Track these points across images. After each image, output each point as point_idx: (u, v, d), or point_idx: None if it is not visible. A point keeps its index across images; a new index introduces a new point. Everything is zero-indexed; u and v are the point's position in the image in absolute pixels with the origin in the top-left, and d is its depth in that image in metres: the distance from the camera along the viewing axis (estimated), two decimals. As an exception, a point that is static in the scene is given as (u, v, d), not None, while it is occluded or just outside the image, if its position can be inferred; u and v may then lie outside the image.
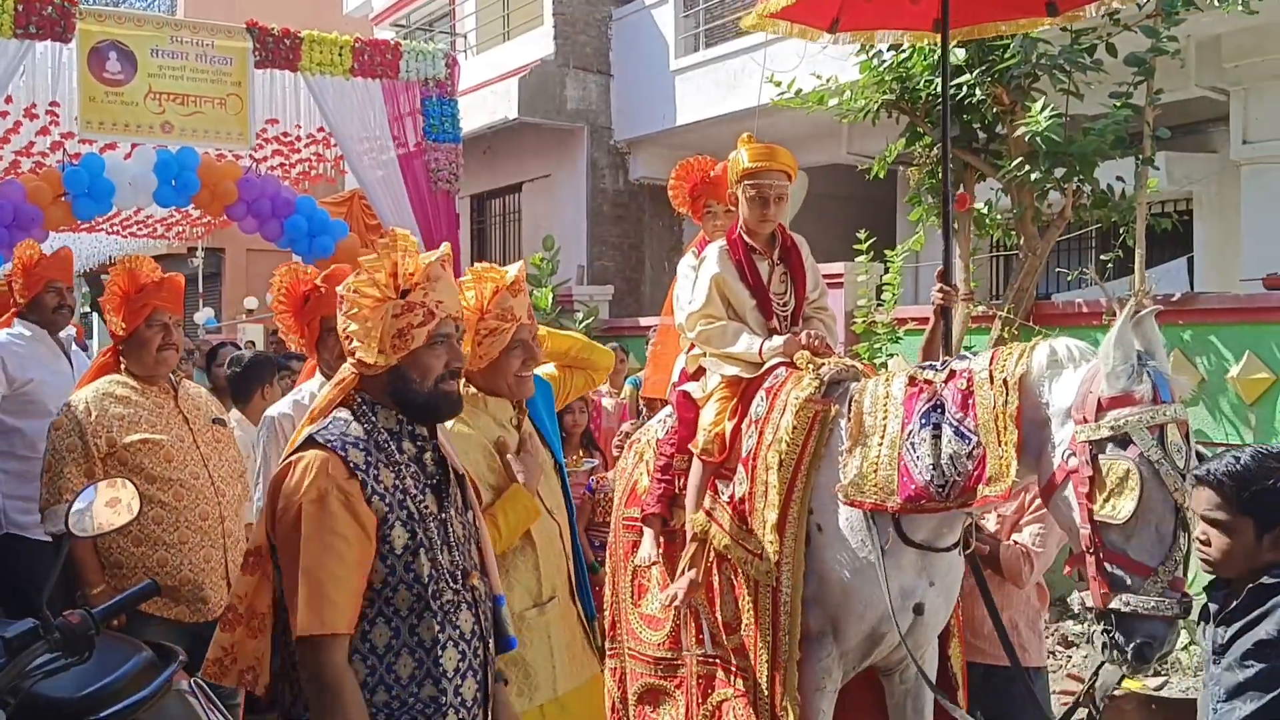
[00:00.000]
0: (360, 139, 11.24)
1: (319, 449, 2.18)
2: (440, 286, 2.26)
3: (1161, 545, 2.52)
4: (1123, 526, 2.53)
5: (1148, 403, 2.56)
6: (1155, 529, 2.52)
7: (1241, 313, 6.35)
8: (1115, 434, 2.56)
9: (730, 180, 3.73)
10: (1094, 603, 2.61)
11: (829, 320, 3.88)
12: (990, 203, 7.54)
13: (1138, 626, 2.51)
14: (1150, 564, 2.51)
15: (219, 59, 10.45)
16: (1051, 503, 2.79)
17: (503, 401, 2.92)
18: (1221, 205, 9.31)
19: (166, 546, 3.57)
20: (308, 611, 2.07)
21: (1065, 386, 2.77)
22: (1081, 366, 2.78)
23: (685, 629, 3.54)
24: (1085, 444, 2.61)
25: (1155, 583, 2.50)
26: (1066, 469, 2.67)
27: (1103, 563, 2.57)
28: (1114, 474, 2.54)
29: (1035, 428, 2.81)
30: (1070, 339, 2.92)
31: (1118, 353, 2.61)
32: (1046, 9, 4.21)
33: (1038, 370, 2.84)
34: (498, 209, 15.92)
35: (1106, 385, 2.61)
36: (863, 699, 3.60)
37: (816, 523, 3.30)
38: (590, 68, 13.61)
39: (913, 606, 3.21)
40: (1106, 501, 2.55)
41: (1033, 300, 7.22)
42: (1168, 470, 2.50)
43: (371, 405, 2.28)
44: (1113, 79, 6.63)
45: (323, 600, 2.07)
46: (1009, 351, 2.95)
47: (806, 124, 9.10)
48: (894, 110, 7.31)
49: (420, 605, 2.20)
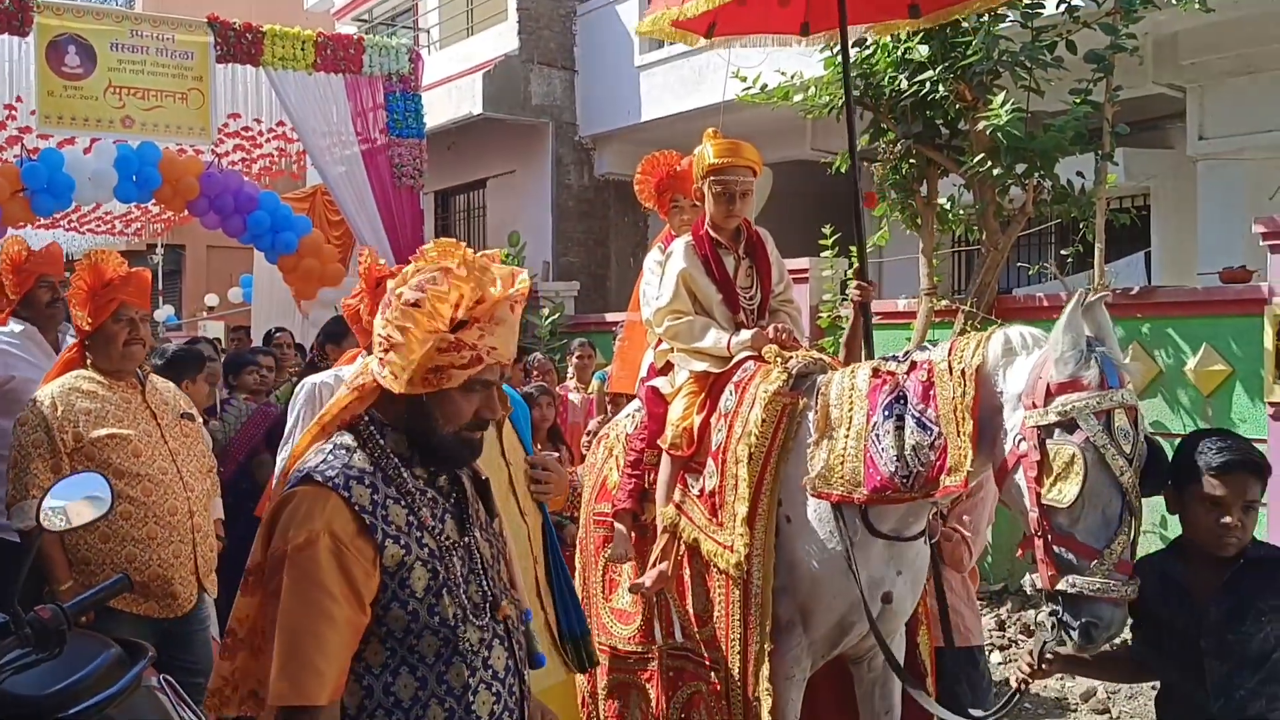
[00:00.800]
0: (323, 134, 11.17)
1: (314, 486, 1.95)
2: (501, 331, 2.00)
3: (1107, 528, 2.55)
4: (1069, 510, 2.57)
5: (1095, 388, 2.59)
6: (1102, 512, 2.56)
7: (1199, 306, 6.46)
8: (1063, 419, 2.59)
9: (696, 176, 3.76)
10: (1043, 584, 2.66)
11: (795, 314, 3.92)
12: (953, 198, 7.62)
13: (1084, 608, 2.55)
14: (1096, 546, 2.55)
15: (180, 53, 10.34)
16: (1004, 488, 2.83)
17: None
18: (1178, 200, 9.46)
19: (135, 542, 3.54)
20: (281, 679, 1.85)
21: (1018, 373, 2.81)
22: (1034, 353, 2.81)
23: (657, 621, 3.57)
24: (1034, 429, 2.65)
25: (1101, 565, 2.53)
26: (1017, 454, 2.72)
27: (1051, 545, 2.61)
28: (1060, 459, 2.58)
29: (990, 415, 2.85)
30: (1025, 327, 2.96)
31: (1066, 338, 2.64)
32: (909, 10, 4.38)
33: (993, 359, 2.88)
34: (462, 205, 15.87)
35: (1055, 371, 2.65)
36: (831, 688, 3.64)
37: (786, 514, 3.33)
38: (555, 63, 13.60)
39: (881, 595, 3.25)
40: (1053, 485, 2.59)
41: (994, 294, 7.30)
42: (1113, 455, 2.53)
43: (381, 427, 2.05)
44: (1073, 76, 6.73)
45: (302, 666, 1.85)
46: (966, 342, 2.99)
47: (771, 120, 9.14)
48: (858, 106, 7.37)
49: (448, 650, 1.99)
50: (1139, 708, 5.54)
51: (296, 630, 1.86)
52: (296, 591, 1.87)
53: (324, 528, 1.89)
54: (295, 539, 1.89)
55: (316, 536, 1.88)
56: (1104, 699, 5.63)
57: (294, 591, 1.87)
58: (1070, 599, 2.57)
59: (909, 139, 7.24)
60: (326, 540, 1.88)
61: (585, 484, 4.07)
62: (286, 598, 1.87)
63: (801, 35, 4.65)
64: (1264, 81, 8.31)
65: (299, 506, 1.92)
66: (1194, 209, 9.03)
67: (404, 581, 1.95)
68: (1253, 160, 8.50)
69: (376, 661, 1.96)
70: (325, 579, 1.87)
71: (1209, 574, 2.55)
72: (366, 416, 2.06)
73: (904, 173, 7.47)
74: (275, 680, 1.85)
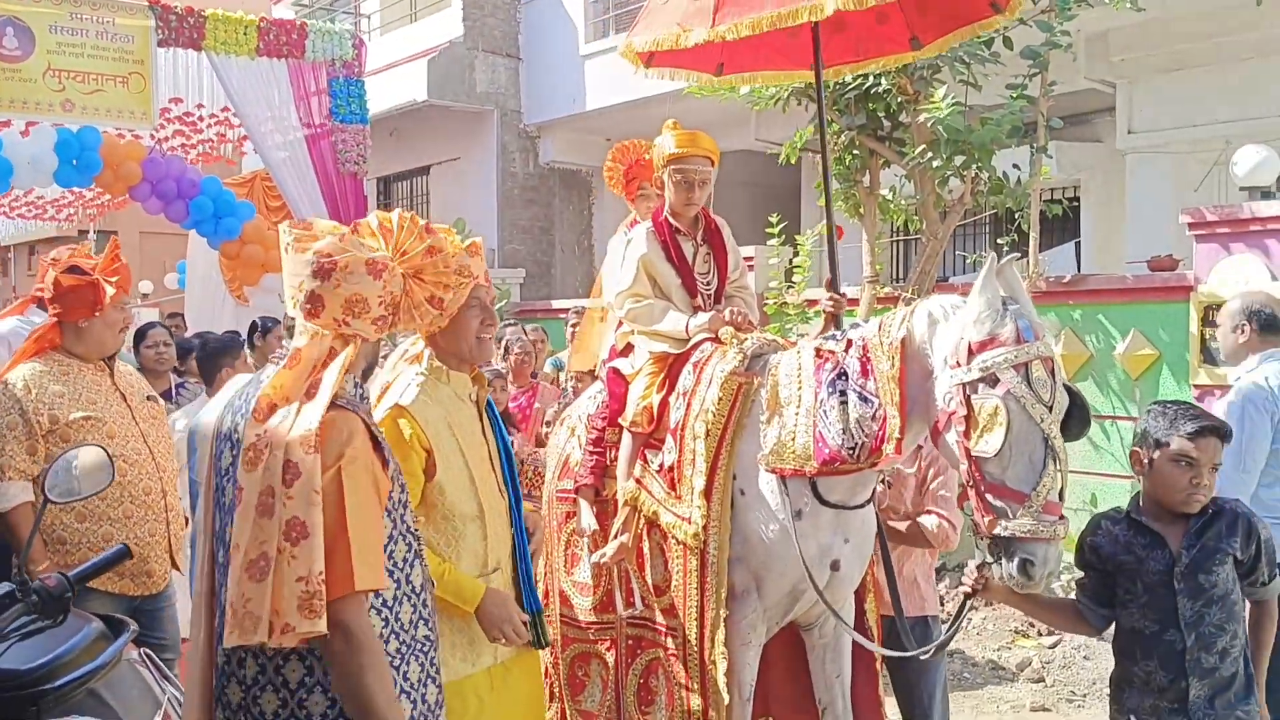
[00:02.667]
0: (265, 120, 11.09)
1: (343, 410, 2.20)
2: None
3: (1034, 473, 2.76)
4: (998, 458, 2.78)
5: (1012, 343, 2.79)
6: (1028, 458, 2.77)
7: (1128, 293, 6.74)
8: (985, 375, 2.79)
9: (656, 165, 3.90)
10: (981, 531, 2.85)
11: (749, 298, 4.09)
12: (894, 189, 7.84)
13: (1018, 548, 2.76)
14: (1025, 490, 2.76)
15: (121, 36, 10.21)
16: (940, 445, 3.04)
17: (462, 375, 3.01)
18: (1107, 192, 9.80)
19: (111, 521, 3.60)
20: (363, 567, 2.10)
21: (944, 339, 3.00)
22: (955, 319, 3.00)
23: (618, 592, 3.71)
24: (959, 386, 2.85)
25: (1030, 507, 2.74)
26: (947, 412, 2.92)
27: (984, 494, 2.81)
28: (984, 411, 2.78)
29: (921, 382, 3.05)
30: (946, 296, 3.15)
31: (982, 299, 2.85)
32: (910, 44, 4.44)
33: (920, 331, 3.07)
34: (404, 192, 15.85)
35: (974, 331, 2.85)
36: (783, 655, 3.81)
37: (740, 487, 3.49)
38: (499, 50, 13.64)
39: (830, 563, 3.42)
40: (980, 437, 2.79)
41: (934, 281, 7.53)
42: (1033, 404, 2.74)
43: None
44: (1009, 71, 6.96)
45: (377, 556, 2.14)
46: (892, 318, 3.19)
47: (716, 111, 9.30)
48: (803, 98, 7.54)
49: (413, 555, 2.34)
50: (1072, 676, 5.80)
51: (363, 528, 2.13)
52: (355, 497, 2.12)
53: (361, 445, 2.17)
54: (348, 455, 2.14)
55: (358, 454, 2.16)
56: (1039, 668, 5.88)
57: (354, 496, 2.12)
58: (1005, 542, 2.78)
59: (852, 131, 7.43)
60: (365, 456, 2.17)
61: (548, 463, 4.20)
62: (350, 501, 2.11)
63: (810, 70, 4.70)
64: (1191, 78, 8.64)
65: (341, 427, 2.17)
66: (1122, 200, 9.36)
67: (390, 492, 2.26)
68: (1179, 153, 8.84)
69: None
70: (370, 489, 2.17)
71: (1175, 527, 2.83)
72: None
73: (847, 164, 7.66)
74: (358, 569, 2.09)
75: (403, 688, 2.28)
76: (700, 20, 3.91)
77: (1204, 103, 8.55)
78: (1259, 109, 8.18)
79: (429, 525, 2.84)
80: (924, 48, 4.42)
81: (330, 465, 2.12)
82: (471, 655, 2.92)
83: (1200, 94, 8.56)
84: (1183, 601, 2.78)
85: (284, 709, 2.20)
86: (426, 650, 2.36)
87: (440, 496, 2.84)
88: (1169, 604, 2.79)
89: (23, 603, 2.24)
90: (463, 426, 2.94)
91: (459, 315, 2.88)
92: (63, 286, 3.67)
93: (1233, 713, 2.78)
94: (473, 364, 3.03)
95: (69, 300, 3.68)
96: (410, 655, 2.31)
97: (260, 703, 2.21)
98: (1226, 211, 6.24)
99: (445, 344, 2.98)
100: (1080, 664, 5.92)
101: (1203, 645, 2.77)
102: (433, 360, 2.98)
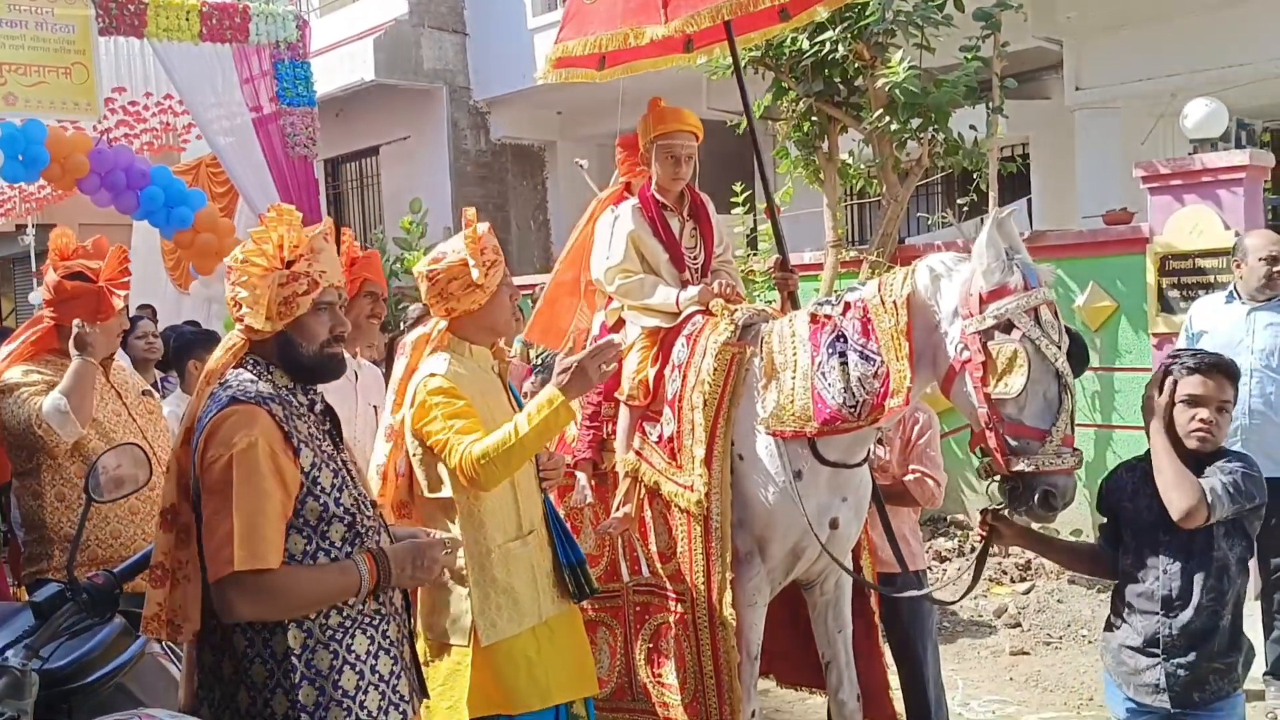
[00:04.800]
0: (211, 105, 10.96)
1: (245, 404, 2.33)
2: (323, 258, 2.43)
3: (1050, 410, 2.94)
4: (1016, 399, 2.94)
5: (1021, 291, 2.96)
6: (1043, 397, 2.94)
7: (1085, 247, 6.92)
8: (999, 322, 2.96)
9: (642, 141, 3.98)
10: (999, 470, 3.01)
11: (734, 271, 4.21)
12: (853, 153, 7.95)
13: (1040, 480, 2.92)
14: (1044, 427, 2.93)
15: (61, 26, 10.04)
16: (952, 393, 3.17)
17: (483, 350, 3.13)
18: (1056, 149, 9.97)
19: (118, 519, 3.64)
20: (243, 548, 2.21)
21: (948, 293, 3.15)
22: (956, 274, 3.16)
23: (623, 561, 3.81)
24: (974, 335, 3.00)
25: (1050, 442, 2.92)
26: (960, 361, 3.07)
27: (1003, 435, 2.97)
28: (1003, 356, 2.94)
29: (927, 335, 3.19)
30: (943, 254, 3.32)
31: (990, 252, 3.01)
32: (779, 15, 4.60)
33: (924, 287, 3.21)
34: (354, 173, 15.69)
35: (984, 281, 3.01)
36: (781, 615, 3.93)
37: (739, 453, 3.60)
38: (446, 27, 13.52)
39: (829, 521, 3.54)
40: (999, 380, 2.95)
41: (896, 243, 7.68)
42: (1047, 344, 2.92)
43: (266, 366, 2.45)
44: (961, 33, 7.08)
45: (258, 538, 2.23)
46: (893, 276, 3.32)
47: (666, 80, 9.31)
48: (759, 67, 7.61)
49: (351, 534, 2.42)
50: (1047, 620, 6.01)
51: (250, 512, 2.24)
52: (245, 482, 2.24)
53: (260, 434, 2.28)
54: (239, 444, 2.26)
55: (255, 441, 2.27)
56: (1015, 614, 6.09)
57: (244, 482, 2.24)
58: (1026, 477, 2.93)
59: (810, 97, 7.53)
60: (263, 444, 2.27)
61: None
62: (239, 488, 2.24)
63: (686, 52, 4.84)
64: (1137, 35, 8.81)
65: (237, 421, 2.29)
66: (1072, 156, 9.54)
67: (315, 479, 2.37)
68: (1126, 109, 9.03)
69: (298, 550, 2.35)
70: (266, 473, 2.26)
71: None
72: (250, 360, 2.45)
73: (806, 130, 7.77)
74: (237, 550, 2.21)
75: (347, 660, 2.37)
76: (650, 17, 4.05)
77: (1150, 58, 8.72)
78: (1204, 62, 8.37)
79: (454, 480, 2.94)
80: (791, 19, 4.63)
81: (221, 455, 2.26)
82: (516, 616, 3.02)
83: (1146, 49, 8.74)
84: (1165, 554, 2.83)
85: (235, 675, 2.35)
86: (375, 623, 2.44)
87: None
88: (1154, 553, 2.85)
89: (73, 602, 2.28)
90: (489, 395, 3.07)
91: (497, 292, 3.08)
92: (66, 291, 3.65)
93: (1211, 665, 2.80)
94: (500, 337, 3.15)
95: (71, 306, 3.66)
96: (355, 629, 2.40)
97: (221, 668, 2.37)
98: (1179, 164, 6.43)
99: (482, 320, 3.11)
100: (1055, 608, 6.13)
101: (1181, 598, 2.80)
102: (452, 339, 3.08)
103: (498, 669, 2.97)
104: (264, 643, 2.32)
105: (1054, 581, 6.30)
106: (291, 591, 2.29)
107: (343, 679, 2.34)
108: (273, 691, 2.31)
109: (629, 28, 4.17)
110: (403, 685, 2.49)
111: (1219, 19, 8.42)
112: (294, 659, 2.30)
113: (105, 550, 3.60)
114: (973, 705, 5.12)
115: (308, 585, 2.33)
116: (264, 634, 2.32)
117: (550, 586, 3.10)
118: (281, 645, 2.31)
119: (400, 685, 2.48)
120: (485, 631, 2.96)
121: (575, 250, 4.48)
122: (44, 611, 2.26)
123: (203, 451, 2.31)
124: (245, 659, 2.33)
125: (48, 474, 3.68)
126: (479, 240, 3.06)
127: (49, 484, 3.68)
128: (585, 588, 3.16)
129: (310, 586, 2.33)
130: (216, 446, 2.28)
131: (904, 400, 3.18)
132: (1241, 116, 8.92)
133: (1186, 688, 2.80)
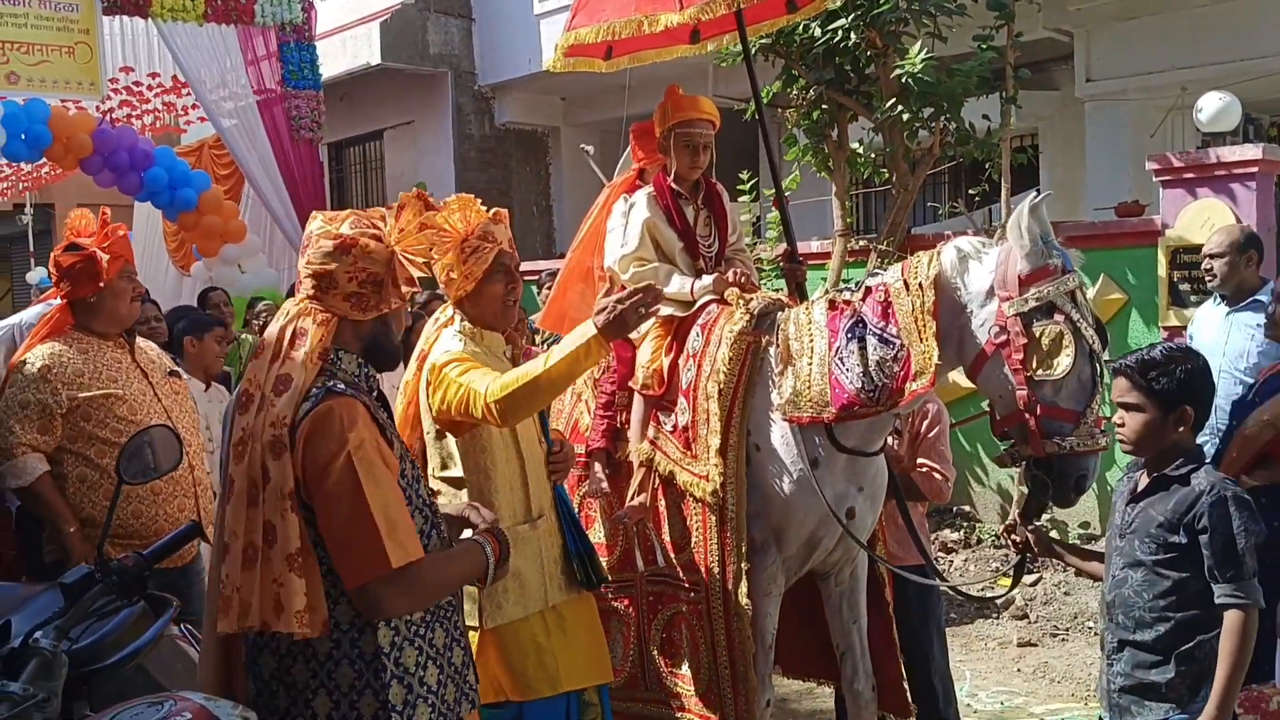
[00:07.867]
0: (216, 87, 10.91)
1: (342, 398, 2.21)
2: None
3: (1084, 392, 2.98)
4: (1054, 382, 2.96)
5: (1060, 273, 2.99)
6: (1077, 379, 2.96)
7: (1097, 239, 6.88)
8: (1040, 304, 2.97)
9: (658, 130, 3.95)
10: (1033, 453, 3.02)
11: (748, 260, 4.18)
12: (863, 142, 7.91)
13: (1074, 463, 2.96)
14: (1079, 409, 2.97)
15: (64, 5, 9.97)
16: (981, 375, 3.16)
17: (496, 336, 3.09)
18: (1066, 140, 9.94)
19: (140, 499, 3.61)
20: (394, 545, 2.15)
21: (977, 275, 3.15)
22: (986, 256, 3.16)
23: (637, 550, 3.79)
24: (1015, 317, 3.00)
25: (1084, 424, 2.95)
26: (995, 343, 3.06)
27: (1040, 418, 2.98)
28: (1048, 337, 2.95)
29: (953, 317, 3.18)
30: (969, 238, 3.32)
31: (1028, 236, 3.02)
32: (786, 6, 4.67)
33: (950, 267, 3.20)
34: (357, 157, 15.63)
35: (1025, 264, 3.02)
36: (794, 609, 3.92)
37: (755, 443, 3.58)
38: (451, 11, 13.45)
39: (845, 512, 3.53)
40: (1043, 362, 2.96)
41: (906, 233, 7.65)
42: (1085, 327, 2.94)
43: (336, 353, 2.30)
44: (974, 22, 7.04)
45: (404, 532, 2.18)
46: (918, 259, 3.31)
47: (673, 67, 9.27)
48: (769, 54, 7.57)
49: (428, 525, 2.38)
50: (1054, 612, 6.00)
51: (384, 506, 2.16)
52: (370, 478, 2.16)
53: (365, 428, 2.20)
54: (354, 441, 2.16)
55: (364, 438, 2.18)
56: (1022, 606, 6.08)
57: (369, 478, 2.16)
58: (1061, 459, 2.95)
59: (821, 85, 7.49)
60: (371, 438, 2.20)
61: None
62: (368, 486, 2.15)
63: (693, 43, 4.80)
64: (1146, 26, 8.78)
65: (341, 415, 2.18)
66: (1081, 148, 9.51)
67: (403, 471, 2.31)
68: (1136, 101, 9.00)
69: None
70: (384, 467, 2.21)
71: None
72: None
73: (815, 118, 7.73)
74: (391, 548, 2.14)
75: (430, 654, 2.32)
76: (664, 4, 4.09)
77: (1160, 50, 8.69)
78: (1214, 55, 8.34)
79: (465, 461, 2.94)
80: (799, 10, 4.68)
81: (337, 454, 2.15)
82: (523, 600, 3.01)
83: (1156, 41, 8.71)
84: (1113, 558, 2.72)
85: (314, 679, 2.25)
86: (450, 615, 2.41)
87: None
88: (1110, 555, 2.76)
89: (102, 583, 2.27)
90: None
91: (484, 281, 2.95)
92: (64, 265, 3.65)
93: (1146, 675, 2.60)
94: (499, 330, 3.09)
95: (73, 278, 3.65)
96: (435, 622, 2.36)
97: (292, 673, 2.26)
98: (1192, 157, 6.40)
99: (472, 310, 3.04)
100: (1061, 600, 6.12)
101: (1121, 607, 2.66)
102: (464, 322, 3.04)
103: (505, 654, 2.96)
104: (352, 643, 2.24)
105: (1061, 574, 6.28)
106: (435, 579, 2.28)
107: (426, 674, 2.30)
108: (360, 693, 2.23)
109: (643, 14, 4.16)
110: (470, 675, 2.46)
111: (1229, 12, 8.39)
112: (384, 658, 2.23)
113: (128, 531, 3.58)
114: (980, 696, 5.11)
115: (449, 570, 2.34)
116: (351, 634, 2.24)
117: (559, 573, 3.09)
118: (371, 645, 2.24)
119: (469, 675, 2.45)
120: (491, 614, 2.95)
121: (587, 238, 4.46)
122: (73, 593, 2.24)
123: (304, 448, 2.18)
124: (330, 661, 2.24)
125: (70, 457, 3.66)
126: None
127: (71, 466, 3.66)
128: (594, 577, 3.14)
129: (451, 571, 2.35)
130: (327, 443, 2.16)
131: (929, 381, 3.16)
132: (1250, 110, 8.89)
133: (1121, 694, 2.67)
